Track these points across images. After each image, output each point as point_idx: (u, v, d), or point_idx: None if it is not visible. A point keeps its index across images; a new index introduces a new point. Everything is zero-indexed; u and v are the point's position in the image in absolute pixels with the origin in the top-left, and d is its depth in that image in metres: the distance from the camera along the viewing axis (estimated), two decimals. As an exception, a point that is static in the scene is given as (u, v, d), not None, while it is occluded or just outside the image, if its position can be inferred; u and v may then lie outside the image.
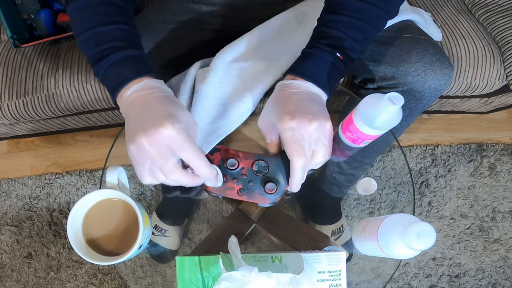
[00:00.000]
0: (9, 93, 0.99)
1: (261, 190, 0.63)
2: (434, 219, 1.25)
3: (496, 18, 1.03)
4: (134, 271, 0.83)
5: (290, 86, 0.60)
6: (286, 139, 0.56)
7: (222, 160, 0.64)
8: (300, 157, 0.56)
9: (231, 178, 0.63)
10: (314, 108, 0.57)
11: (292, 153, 0.56)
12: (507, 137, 1.37)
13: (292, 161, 0.56)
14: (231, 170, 0.63)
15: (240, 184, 0.63)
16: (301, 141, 0.55)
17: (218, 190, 0.63)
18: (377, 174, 1.13)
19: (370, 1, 0.61)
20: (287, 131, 0.56)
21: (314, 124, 0.55)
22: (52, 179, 1.29)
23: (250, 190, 0.63)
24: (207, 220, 0.97)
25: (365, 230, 0.67)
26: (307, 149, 0.56)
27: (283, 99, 0.59)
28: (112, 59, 0.57)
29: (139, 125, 0.52)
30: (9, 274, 1.20)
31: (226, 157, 0.64)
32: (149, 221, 0.64)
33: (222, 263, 0.54)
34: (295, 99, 0.58)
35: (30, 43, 1.01)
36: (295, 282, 0.51)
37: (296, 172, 0.57)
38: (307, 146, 0.56)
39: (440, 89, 0.76)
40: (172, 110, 0.53)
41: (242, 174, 0.64)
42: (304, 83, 0.59)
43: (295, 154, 0.56)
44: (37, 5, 1.00)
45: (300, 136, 0.55)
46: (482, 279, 1.21)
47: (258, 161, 0.64)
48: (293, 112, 0.55)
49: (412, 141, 1.35)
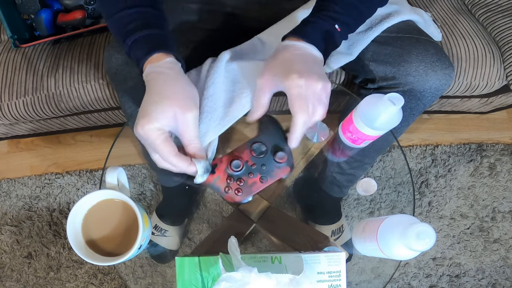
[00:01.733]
0: (9, 93, 0.99)
1: (275, 165, 0.65)
2: (434, 219, 1.25)
3: (496, 18, 1.03)
4: (134, 271, 0.83)
5: (294, 47, 0.62)
6: (293, 95, 0.58)
7: (226, 168, 0.64)
8: (303, 113, 0.58)
9: (247, 174, 0.64)
10: (319, 70, 0.60)
11: (297, 109, 0.58)
12: (507, 137, 1.37)
13: (295, 116, 0.58)
14: (241, 170, 0.64)
15: (257, 174, 0.65)
16: (307, 98, 0.58)
17: (246, 193, 0.64)
18: (377, 174, 1.13)
19: None
20: (295, 88, 0.57)
21: (320, 84, 0.58)
22: (52, 179, 1.29)
23: (268, 171, 0.65)
24: (207, 220, 0.97)
25: (365, 231, 0.67)
26: (311, 107, 0.58)
27: (289, 59, 0.61)
28: (129, 41, 0.61)
29: (144, 108, 0.57)
30: (9, 274, 1.20)
31: (228, 164, 0.64)
32: (148, 221, 0.64)
33: (221, 263, 0.54)
34: (301, 60, 0.60)
35: (30, 43, 1.01)
36: (295, 282, 0.51)
37: (298, 127, 0.59)
38: (311, 104, 0.58)
39: (441, 89, 0.76)
40: (158, 101, 0.57)
41: (251, 165, 0.65)
42: (307, 46, 0.62)
43: (300, 110, 0.58)
44: (37, 5, 1.00)
45: (306, 94, 0.58)
46: (482, 279, 1.21)
47: (253, 146, 0.65)
48: (301, 71, 0.58)
49: (412, 141, 1.35)
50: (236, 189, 0.64)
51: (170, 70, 0.59)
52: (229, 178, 0.64)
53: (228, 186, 0.64)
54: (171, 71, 0.59)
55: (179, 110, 0.56)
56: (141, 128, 0.55)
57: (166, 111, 0.56)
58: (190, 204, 0.99)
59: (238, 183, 0.64)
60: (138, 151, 1.12)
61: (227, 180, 0.64)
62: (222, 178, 0.64)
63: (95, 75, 0.98)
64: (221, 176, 0.64)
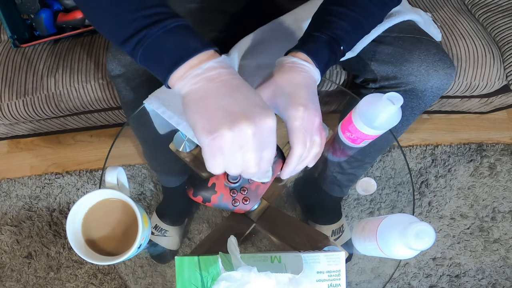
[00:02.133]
0: (9, 93, 0.99)
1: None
2: (434, 219, 1.25)
3: (496, 18, 1.03)
4: (134, 271, 0.83)
5: (303, 68, 0.60)
6: (295, 126, 0.56)
7: (225, 183, 0.63)
8: (301, 146, 0.57)
9: (247, 181, 0.63)
10: (317, 100, 0.59)
11: (296, 141, 0.57)
12: (507, 137, 1.37)
13: (294, 148, 0.57)
14: (239, 180, 0.63)
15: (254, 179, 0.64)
16: (306, 131, 0.57)
17: (254, 199, 0.63)
18: (377, 174, 1.13)
19: (375, 2, 0.64)
20: (299, 120, 0.56)
21: (318, 118, 0.58)
22: (52, 179, 1.29)
23: None
24: (207, 220, 0.97)
25: (365, 230, 0.67)
26: (309, 141, 0.57)
27: (297, 86, 0.58)
28: (170, 24, 0.48)
29: (238, 107, 0.46)
30: (9, 274, 1.20)
31: (225, 179, 0.63)
32: (148, 221, 0.64)
33: (221, 263, 0.54)
34: (306, 87, 0.59)
35: (30, 43, 1.02)
36: (294, 282, 0.51)
37: (294, 159, 0.58)
38: (309, 137, 0.57)
39: (442, 89, 0.76)
40: (262, 100, 0.49)
41: None
42: (314, 70, 0.60)
43: (299, 141, 0.57)
44: (37, 5, 1.00)
45: (306, 127, 0.57)
46: (482, 279, 1.21)
47: None
48: (306, 104, 0.57)
49: (412, 141, 1.35)
50: (243, 199, 0.63)
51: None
52: (232, 192, 0.63)
53: (234, 199, 0.63)
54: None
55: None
56: (274, 119, 0.47)
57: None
58: (190, 204, 0.99)
59: (242, 192, 0.63)
60: (138, 151, 1.12)
61: (231, 194, 0.63)
62: (226, 194, 0.63)
63: (95, 75, 0.98)
64: (224, 193, 0.63)
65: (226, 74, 0.48)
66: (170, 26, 0.48)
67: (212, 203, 0.63)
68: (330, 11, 0.64)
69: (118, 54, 0.76)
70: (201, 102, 0.47)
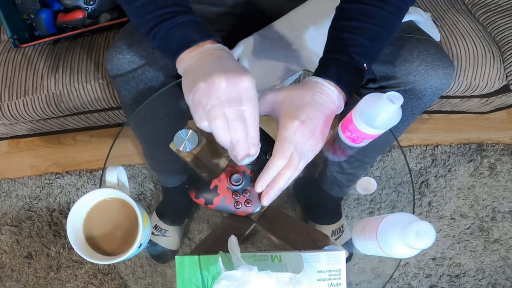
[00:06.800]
0: (9, 93, 0.99)
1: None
2: (434, 219, 1.25)
3: (496, 18, 1.03)
4: (134, 271, 0.83)
5: (323, 90, 0.59)
6: (282, 136, 0.56)
7: (228, 185, 0.63)
8: (281, 156, 0.56)
9: (249, 183, 0.63)
10: (321, 126, 0.58)
11: (278, 150, 0.56)
12: (507, 137, 1.37)
13: (274, 156, 0.56)
14: (242, 182, 0.62)
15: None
16: (292, 145, 0.56)
17: (256, 201, 0.63)
18: (377, 174, 1.13)
19: (389, 10, 0.62)
20: (288, 130, 0.56)
21: (320, 145, 0.58)
22: (52, 179, 1.29)
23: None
24: (207, 220, 0.97)
25: (365, 229, 0.67)
26: (296, 157, 0.56)
27: (307, 103, 0.58)
28: (177, 20, 0.58)
29: (217, 68, 0.52)
30: (9, 274, 1.20)
31: (227, 181, 0.63)
32: (148, 220, 0.64)
33: (221, 262, 0.54)
34: (313, 111, 0.57)
35: (30, 43, 1.02)
36: (295, 281, 0.51)
37: (270, 169, 0.57)
38: (295, 153, 0.56)
39: (442, 89, 0.76)
40: (244, 68, 0.54)
41: (250, 174, 0.63)
42: (337, 95, 0.59)
43: (281, 151, 0.56)
44: (37, 5, 1.00)
45: (294, 141, 0.56)
46: (482, 279, 1.21)
47: None
48: (304, 120, 0.56)
49: (412, 141, 1.35)
50: (246, 201, 0.63)
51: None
52: (234, 194, 0.62)
53: (236, 201, 0.63)
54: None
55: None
56: (251, 79, 0.52)
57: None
58: (190, 204, 0.99)
59: (245, 195, 0.63)
60: (138, 151, 1.12)
61: (233, 197, 0.63)
62: (228, 197, 0.63)
63: (95, 75, 0.98)
64: (227, 195, 0.63)
65: (217, 52, 0.56)
66: (177, 22, 0.58)
67: (214, 205, 0.62)
68: (343, 27, 0.62)
69: (116, 54, 0.76)
70: (192, 72, 0.55)
